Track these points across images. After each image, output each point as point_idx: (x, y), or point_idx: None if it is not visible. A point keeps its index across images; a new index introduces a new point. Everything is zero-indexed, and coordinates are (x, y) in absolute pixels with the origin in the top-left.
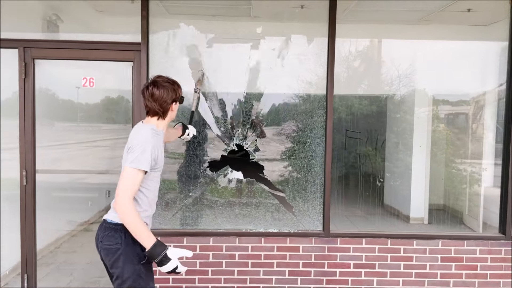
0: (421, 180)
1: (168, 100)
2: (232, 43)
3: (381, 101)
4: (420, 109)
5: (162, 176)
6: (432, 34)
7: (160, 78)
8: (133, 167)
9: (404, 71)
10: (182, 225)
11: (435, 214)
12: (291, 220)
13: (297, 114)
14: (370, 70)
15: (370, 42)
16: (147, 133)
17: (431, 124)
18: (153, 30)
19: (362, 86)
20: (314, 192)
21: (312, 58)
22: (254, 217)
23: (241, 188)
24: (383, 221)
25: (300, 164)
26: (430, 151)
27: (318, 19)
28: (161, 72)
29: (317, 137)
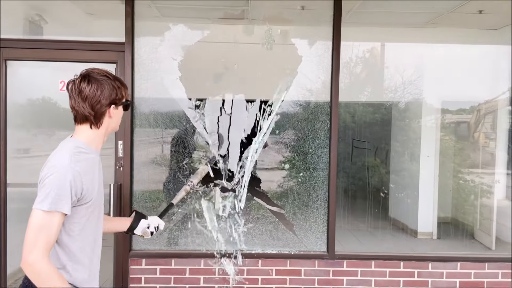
0: (429, 192)
1: (103, 100)
2: (227, 47)
3: (385, 108)
4: (427, 116)
5: (148, 187)
6: (440, 37)
7: (95, 70)
8: (44, 209)
9: (410, 76)
10: (170, 246)
11: (443, 228)
12: (292, 240)
13: (297, 121)
14: (373, 76)
15: (374, 46)
16: (65, 156)
17: (439, 133)
18: (139, 28)
19: (365, 93)
20: (317, 208)
21: (314, 62)
22: (250, 236)
23: (235, 204)
24: (389, 236)
25: (301, 177)
26: (439, 161)
27: (320, 21)
28: (148, 76)
29: (320, 147)
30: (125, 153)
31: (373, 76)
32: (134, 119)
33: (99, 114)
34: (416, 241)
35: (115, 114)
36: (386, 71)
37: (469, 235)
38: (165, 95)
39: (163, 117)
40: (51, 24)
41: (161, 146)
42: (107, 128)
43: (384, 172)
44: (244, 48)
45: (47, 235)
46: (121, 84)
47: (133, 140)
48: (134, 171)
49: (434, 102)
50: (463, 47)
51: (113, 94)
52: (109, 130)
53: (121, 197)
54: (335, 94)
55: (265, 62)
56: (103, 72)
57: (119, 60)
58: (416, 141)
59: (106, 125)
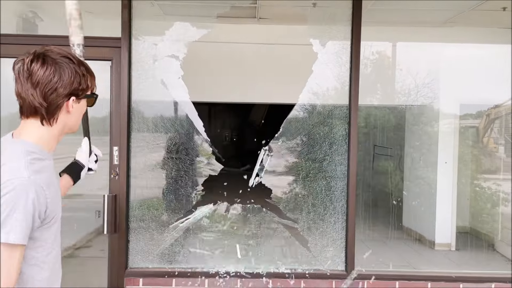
0: (447, 201)
1: (60, 89)
2: (235, 47)
3: (399, 112)
4: (445, 120)
5: (146, 197)
6: (458, 37)
7: (54, 49)
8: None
9: (425, 78)
10: (171, 263)
11: (461, 238)
12: (306, 257)
13: (312, 126)
14: (387, 77)
15: (389, 46)
16: (21, 166)
17: (457, 138)
18: (138, 22)
19: (377, 96)
20: (335, 222)
21: (329, 63)
22: (260, 253)
23: (243, 216)
24: (404, 246)
25: (317, 187)
26: (457, 167)
27: (336, 20)
28: (147, 75)
29: (337, 154)
30: (121, 160)
31: (387, 78)
32: (131, 122)
33: (54, 106)
34: (434, 253)
35: (75, 109)
36: (400, 72)
37: (489, 246)
38: (165, 96)
39: (164, 120)
40: (47, 22)
41: (161, 152)
42: (63, 127)
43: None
44: (253, 49)
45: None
46: (87, 72)
47: (130, 146)
48: (131, 180)
49: (452, 105)
50: (482, 47)
51: (75, 82)
52: (65, 130)
53: (116, 210)
54: (355, 96)
55: (275, 63)
56: (65, 53)
57: (115, 57)
58: (432, 147)
59: (62, 123)
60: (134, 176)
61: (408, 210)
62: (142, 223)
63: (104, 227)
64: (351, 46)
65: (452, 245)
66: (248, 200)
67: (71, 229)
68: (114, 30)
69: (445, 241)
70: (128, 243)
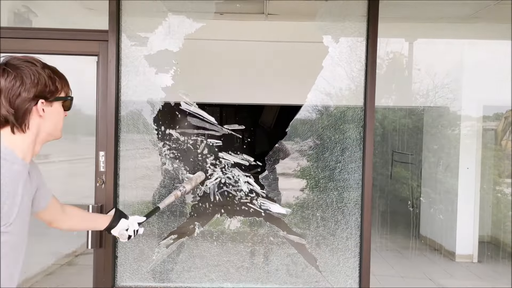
0: (469, 209)
1: (23, 93)
2: (241, 44)
3: (417, 114)
4: (466, 123)
5: (136, 208)
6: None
7: (16, 56)
8: None
9: (446, 78)
10: (163, 281)
11: (482, 248)
12: (314, 277)
13: (322, 129)
14: (404, 77)
15: (406, 43)
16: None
17: (480, 142)
18: (128, 12)
19: (393, 97)
20: (347, 238)
21: (343, 61)
22: (262, 271)
23: (243, 231)
24: (422, 257)
25: (327, 198)
26: (480, 173)
27: (350, 15)
28: (138, 72)
29: (351, 161)
30: (108, 166)
31: (403, 78)
32: (119, 124)
33: (21, 111)
34: (454, 265)
35: (48, 113)
36: (418, 72)
37: None
38: (158, 96)
39: (157, 122)
40: (41, 17)
41: (153, 158)
42: (38, 132)
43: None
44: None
45: None
46: (55, 74)
47: (118, 150)
48: (119, 189)
49: (474, 107)
50: (509, 44)
51: (40, 84)
52: (43, 136)
53: None
54: (371, 97)
55: (284, 62)
56: (27, 58)
57: (102, 52)
58: (453, 151)
59: (36, 128)
60: (122, 185)
61: (426, 218)
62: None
63: (87, 241)
64: (367, 43)
65: (474, 256)
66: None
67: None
68: None
69: (466, 252)
70: (115, 259)
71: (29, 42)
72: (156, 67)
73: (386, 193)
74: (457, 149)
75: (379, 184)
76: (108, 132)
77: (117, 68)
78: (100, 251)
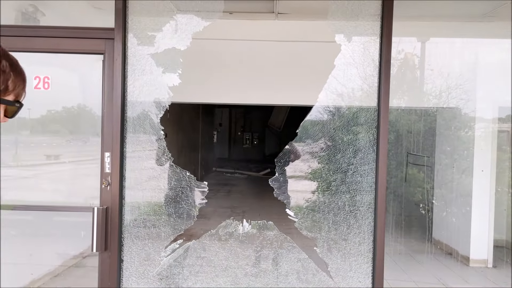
0: (484, 212)
1: None
2: (251, 44)
3: (429, 115)
4: (481, 124)
5: (143, 210)
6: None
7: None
8: None
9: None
10: (168, 286)
11: (498, 253)
12: (325, 283)
13: (334, 130)
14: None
15: (418, 43)
16: None
17: (495, 144)
18: (134, 9)
19: (405, 98)
20: (360, 243)
21: (355, 61)
22: (272, 277)
23: (253, 234)
24: (435, 262)
25: (338, 201)
26: (495, 176)
27: (363, 14)
28: (144, 72)
29: (364, 163)
30: (114, 167)
31: (415, 78)
32: (125, 125)
33: None
34: (468, 270)
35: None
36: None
37: None
38: (166, 96)
39: (165, 123)
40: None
41: (160, 159)
42: None
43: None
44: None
45: None
46: (12, 69)
47: (124, 151)
48: (125, 191)
49: (489, 108)
50: None
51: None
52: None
53: (108, 224)
54: (385, 97)
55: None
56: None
57: (108, 51)
58: (467, 153)
59: None
60: (128, 187)
61: (439, 221)
62: (137, 239)
63: (92, 244)
64: (380, 41)
65: (489, 261)
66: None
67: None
68: None
69: (481, 257)
70: (121, 263)
71: (33, 40)
72: (163, 66)
73: (400, 196)
74: (471, 151)
75: (392, 187)
76: (114, 132)
77: (124, 67)
78: (105, 254)
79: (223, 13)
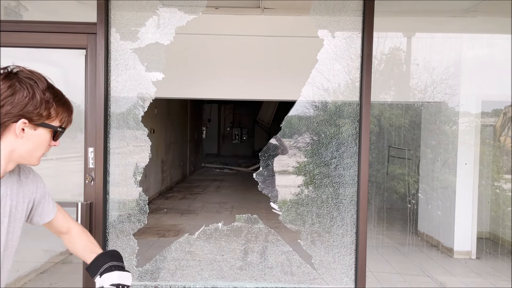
0: (467, 205)
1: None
2: (237, 39)
3: (415, 109)
4: (464, 118)
5: (127, 205)
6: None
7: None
8: None
9: (445, 73)
10: (155, 280)
11: (481, 245)
12: (309, 275)
13: (317, 124)
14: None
15: (404, 39)
16: None
17: (479, 138)
18: (117, 5)
19: (390, 93)
20: (343, 235)
21: (339, 56)
22: (257, 270)
23: (238, 228)
24: (419, 254)
25: (322, 194)
26: (478, 169)
27: (346, 9)
28: (128, 66)
29: (346, 157)
30: (97, 163)
31: (401, 73)
32: (108, 119)
33: None
34: (452, 261)
35: (28, 136)
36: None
37: None
38: (149, 91)
39: (153, 119)
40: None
41: (144, 154)
42: (11, 150)
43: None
44: (257, 42)
45: None
46: (55, 99)
47: (108, 146)
48: (109, 186)
49: (473, 102)
50: (508, 38)
51: (30, 104)
52: (15, 156)
53: (92, 220)
54: (367, 91)
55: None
56: (34, 76)
57: (90, 45)
58: (451, 147)
59: (9, 145)
60: (112, 182)
61: (424, 214)
62: (122, 234)
63: None
64: (362, 36)
65: (472, 253)
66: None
67: None
68: None
69: (464, 249)
70: None
71: (15, 35)
72: (147, 61)
73: (383, 189)
74: (455, 145)
75: (376, 180)
76: (97, 127)
77: (106, 62)
78: None
79: (209, 8)
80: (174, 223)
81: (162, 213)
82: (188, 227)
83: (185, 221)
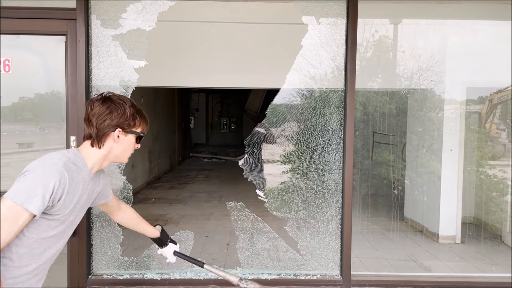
0: (452, 190)
1: (107, 120)
2: (219, 26)
3: (401, 96)
4: (450, 105)
5: None
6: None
7: (117, 95)
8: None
9: (431, 60)
10: (141, 269)
11: (466, 230)
12: (295, 261)
13: (303, 111)
14: (386, 59)
15: (390, 25)
16: (60, 160)
17: (463, 124)
18: None
19: (377, 80)
20: (328, 221)
21: (323, 42)
22: (242, 256)
23: (226, 215)
24: (405, 239)
25: (307, 181)
26: (463, 155)
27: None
28: (109, 53)
29: (331, 143)
30: None
31: (386, 60)
32: None
33: (102, 133)
34: (438, 246)
35: (122, 140)
36: (402, 54)
37: (496, 237)
38: (132, 78)
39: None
40: None
41: None
42: (109, 152)
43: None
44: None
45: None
46: (137, 114)
47: None
48: None
49: (458, 89)
50: (494, 24)
51: (122, 118)
52: (111, 156)
53: None
54: (351, 78)
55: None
56: (122, 98)
57: (70, 32)
58: (437, 133)
59: (108, 148)
60: None
61: (410, 200)
62: (107, 223)
63: None
64: (347, 22)
65: (457, 237)
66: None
67: None
68: None
69: (449, 234)
70: (90, 247)
71: None
72: (129, 48)
73: (368, 175)
74: (440, 131)
75: (362, 167)
76: (79, 115)
77: (87, 49)
78: (74, 239)
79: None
80: (162, 212)
81: (150, 203)
82: (176, 216)
83: (173, 211)
